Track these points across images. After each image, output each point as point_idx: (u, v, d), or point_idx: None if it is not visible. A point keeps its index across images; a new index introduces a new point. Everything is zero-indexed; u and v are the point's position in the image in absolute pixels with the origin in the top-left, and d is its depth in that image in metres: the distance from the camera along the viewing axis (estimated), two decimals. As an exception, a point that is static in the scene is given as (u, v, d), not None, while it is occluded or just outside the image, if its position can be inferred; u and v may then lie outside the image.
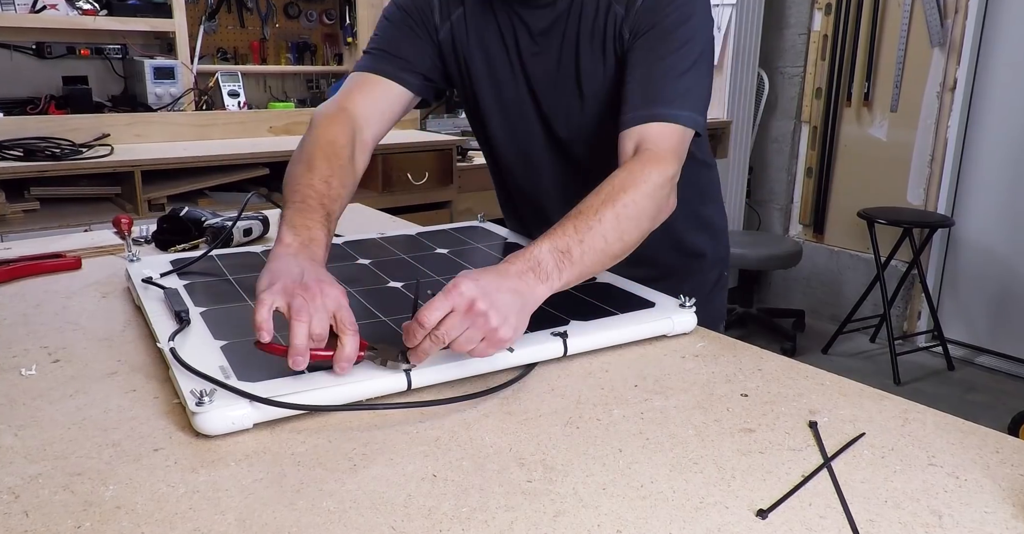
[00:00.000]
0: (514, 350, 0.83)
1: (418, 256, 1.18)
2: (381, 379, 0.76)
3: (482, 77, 1.15)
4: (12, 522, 0.57)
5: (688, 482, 0.63)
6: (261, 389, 0.72)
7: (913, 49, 3.23)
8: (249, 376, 0.74)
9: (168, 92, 2.69)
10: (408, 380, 0.77)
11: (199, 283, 1.03)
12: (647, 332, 0.92)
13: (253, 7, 3.10)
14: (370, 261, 1.15)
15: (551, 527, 0.57)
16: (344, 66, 3.32)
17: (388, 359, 0.77)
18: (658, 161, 0.95)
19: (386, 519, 0.58)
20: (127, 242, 1.26)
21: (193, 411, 0.68)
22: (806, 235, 3.74)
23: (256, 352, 0.74)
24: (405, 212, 2.28)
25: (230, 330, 0.86)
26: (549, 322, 0.90)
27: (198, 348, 0.81)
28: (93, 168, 2.27)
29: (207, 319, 0.89)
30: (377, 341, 0.79)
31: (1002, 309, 3.18)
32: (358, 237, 1.28)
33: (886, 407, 0.77)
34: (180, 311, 0.88)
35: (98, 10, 2.57)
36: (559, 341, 0.86)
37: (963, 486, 0.63)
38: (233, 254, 1.16)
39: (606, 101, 1.09)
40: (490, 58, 1.13)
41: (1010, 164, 3.09)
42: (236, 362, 0.78)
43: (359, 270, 1.10)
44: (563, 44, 1.08)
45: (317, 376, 0.75)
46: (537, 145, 1.18)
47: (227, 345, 0.82)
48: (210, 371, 0.74)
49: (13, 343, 0.89)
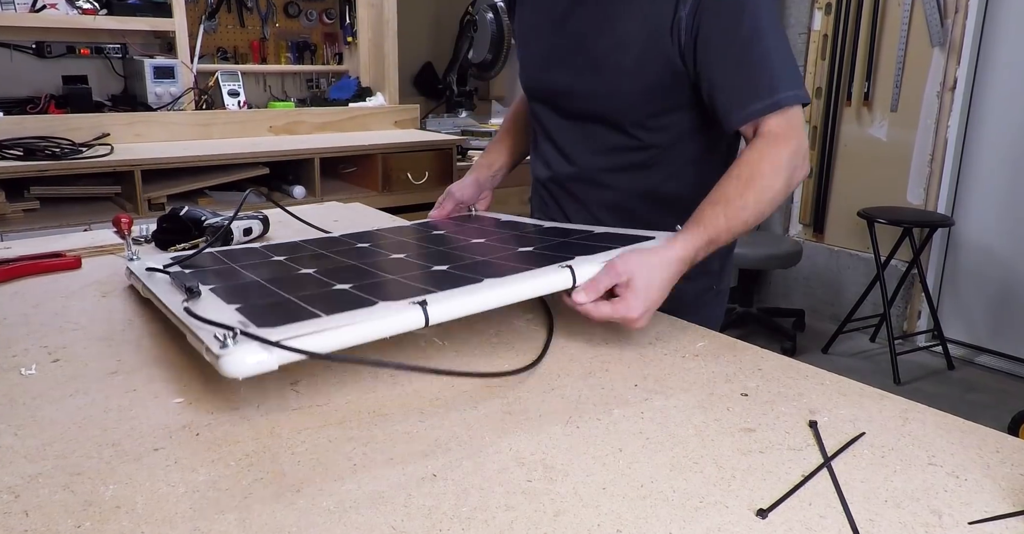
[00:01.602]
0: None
1: (416, 237, 1.18)
2: (398, 315, 0.75)
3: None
4: (12, 522, 0.57)
5: (688, 482, 0.63)
6: (279, 333, 0.69)
7: (913, 49, 3.23)
8: (268, 322, 0.72)
9: (168, 91, 2.68)
10: (425, 315, 0.76)
11: (204, 270, 1.01)
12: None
13: (253, 6, 3.10)
14: (369, 244, 1.14)
15: (551, 527, 0.57)
16: (344, 66, 3.32)
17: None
18: (786, 141, 1.01)
19: (386, 519, 0.58)
20: (127, 242, 1.25)
21: (218, 354, 0.66)
22: (806, 235, 3.74)
23: (273, 308, 0.78)
24: (405, 212, 2.28)
25: (242, 296, 0.84)
26: (556, 261, 0.90)
27: (212, 310, 0.78)
28: (93, 167, 2.27)
29: (217, 292, 0.87)
30: (385, 290, 0.83)
31: (1002, 309, 3.18)
32: (356, 231, 1.27)
33: (886, 407, 0.77)
34: (191, 286, 0.85)
35: (98, 9, 2.57)
36: (567, 271, 0.86)
37: (963, 486, 0.63)
38: (234, 250, 1.16)
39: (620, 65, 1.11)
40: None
41: (1010, 164, 3.09)
42: (253, 316, 0.76)
43: (360, 251, 1.09)
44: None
45: (336, 317, 0.73)
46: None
47: (242, 307, 0.80)
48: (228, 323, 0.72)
49: (13, 343, 0.89)
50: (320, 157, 2.64)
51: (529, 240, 1.07)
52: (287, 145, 2.67)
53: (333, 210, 1.63)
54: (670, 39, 1.05)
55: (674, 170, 1.17)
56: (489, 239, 1.11)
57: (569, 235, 1.08)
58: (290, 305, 0.80)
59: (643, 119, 1.13)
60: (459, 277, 0.87)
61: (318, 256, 1.07)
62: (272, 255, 1.09)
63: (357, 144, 2.77)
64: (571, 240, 1.04)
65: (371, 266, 0.98)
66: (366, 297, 0.80)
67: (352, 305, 0.77)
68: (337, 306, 0.77)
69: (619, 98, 1.12)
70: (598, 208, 1.23)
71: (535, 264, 0.90)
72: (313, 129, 2.97)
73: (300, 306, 0.78)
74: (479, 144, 3.21)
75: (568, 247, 1.00)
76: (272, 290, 0.87)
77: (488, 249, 1.04)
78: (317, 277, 0.93)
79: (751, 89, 1.03)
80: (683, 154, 1.16)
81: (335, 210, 1.63)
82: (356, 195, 2.70)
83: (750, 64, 1.03)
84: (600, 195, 1.22)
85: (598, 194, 1.22)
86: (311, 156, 2.63)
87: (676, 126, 1.14)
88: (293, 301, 0.81)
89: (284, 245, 1.17)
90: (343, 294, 0.83)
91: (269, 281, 0.92)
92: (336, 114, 3.04)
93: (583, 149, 1.21)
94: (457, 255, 1.01)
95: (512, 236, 1.12)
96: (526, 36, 1.25)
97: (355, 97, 3.17)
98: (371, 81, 3.27)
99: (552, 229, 1.14)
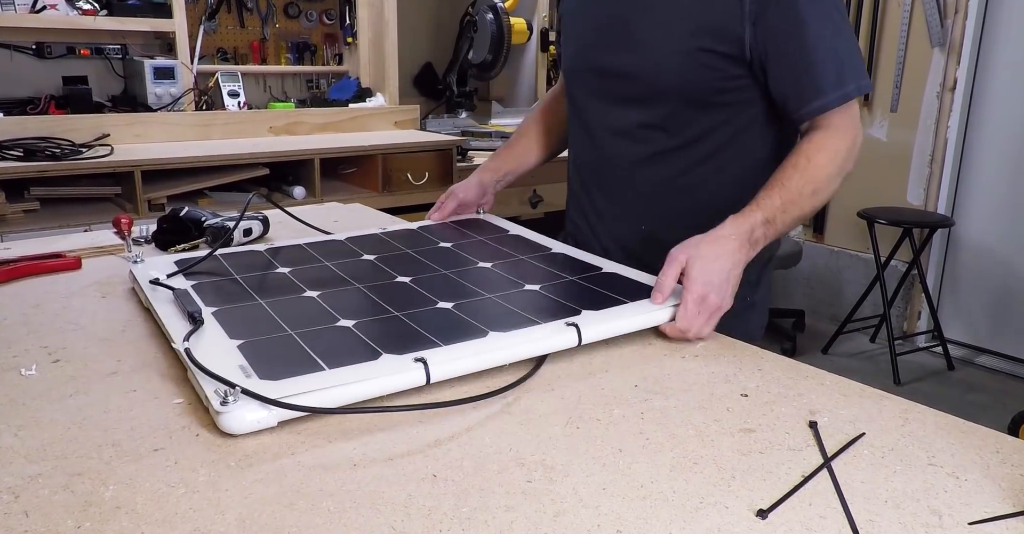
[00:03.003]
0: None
1: (422, 251, 1.16)
2: (399, 375, 0.76)
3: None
4: (12, 522, 0.57)
5: (688, 482, 0.63)
6: (281, 388, 0.71)
7: (913, 49, 3.23)
8: (270, 373, 0.74)
9: (168, 92, 2.68)
10: (427, 374, 0.77)
11: (207, 283, 1.02)
12: (659, 319, 0.91)
13: (253, 7, 3.10)
14: (375, 257, 1.13)
15: (551, 527, 0.57)
16: (344, 66, 3.32)
17: None
18: (845, 133, 1.03)
19: (386, 519, 0.58)
20: (127, 242, 1.26)
21: (218, 411, 0.68)
22: (806, 235, 3.74)
23: (275, 349, 0.80)
24: (405, 212, 2.28)
25: (245, 329, 0.85)
26: (562, 312, 0.90)
27: (215, 348, 0.80)
28: (93, 168, 2.27)
29: (220, 319, 0.88)
30: (388, 337, 0.82)
31: (1002, 309, 3.18)
32: (359, 233, 1.27)
33: (886, 407, 0.77)
34: (193, 312, 0.87)
35: (98, 10, 2.57)
36: (573, 331, 0.85)
37: (963, 486, 0.63)
38: (237, 253, 1.15)
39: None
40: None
41: (1010, 164, 3.09)
42: (255, 361, 0.77)
43: (364, 266, 1.09)
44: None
45: (339, 372, 0.75)
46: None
47: (244, 344, 0.81)
48: (229, 371, 0.73)
49: (13, 343, 0.89)
50: (320, 158, 2.64)
51: (537, 274, 1.05)
52: (287, 146, 2.67)
53: (333, 211, 1.63)
54: (729, 26, 1.03)
55: (700, 165, 1.15)
56: (496, 264, 1.09)
57: (577, 271, 1.05)
58: (292, 348, 0.80)
59: (677, 109, 1.11)
60: (464, 324, 0.87)
61: (322, 270, 1.07)
62: (276, 265, 1.09)
63: (357, 145, 2.77)
64: (579, 280, 1.02)
65: (375, 292, 0.98)
66: (369, 344, 0.81)
67: (354, 356, 0.78)
68: (340, 354, 0.79)
69: (656, 81, 1.10)
70: (626, 201, 1.21)
71: (541, 313, 0.90)
72: (313, 130, 2.97)
73: (303, 351, 0.79)
74: (479, 144, 3.21)
75: (576, 292, 0.98)
76: (276, 322, 0.88)
77: (495, 280, 1.03)
78: (321, 305, 0.93)
79: (819, 83, 1.02)
80: (709, 149, 1.14)
81: (335, 211, 1.63)
82: (356, 196, 2.70)
83: (817, 56, 1.02)
84: (626, 185, 1.20)
85: (623, 183, 1.20)
86: (311, 157, 2.63)
87: (707, 120, 1.12)
88: (296, 342, 0.82)
89: (288, 250, 1.16)
90: (346, 336, 0.84)
91: (273, 305, 0.93)
92: (336, 115, 3.04)
93: (612, 134, 1.19)
94: (463, 286, 1.00)
95: (520, 264, 1.10)
96: (572, 15, 1.23)
97: (355, 98, 3.17)
98: (371, 82, 3.27)
99: (561, 259, 1.12)
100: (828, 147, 1.02)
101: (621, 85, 1.15)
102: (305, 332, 0.85)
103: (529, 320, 0.88)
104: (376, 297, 0.96)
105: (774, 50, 1.04)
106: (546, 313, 0.90)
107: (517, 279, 1.02)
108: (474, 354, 0.80)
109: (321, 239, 1.23)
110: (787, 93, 1.06)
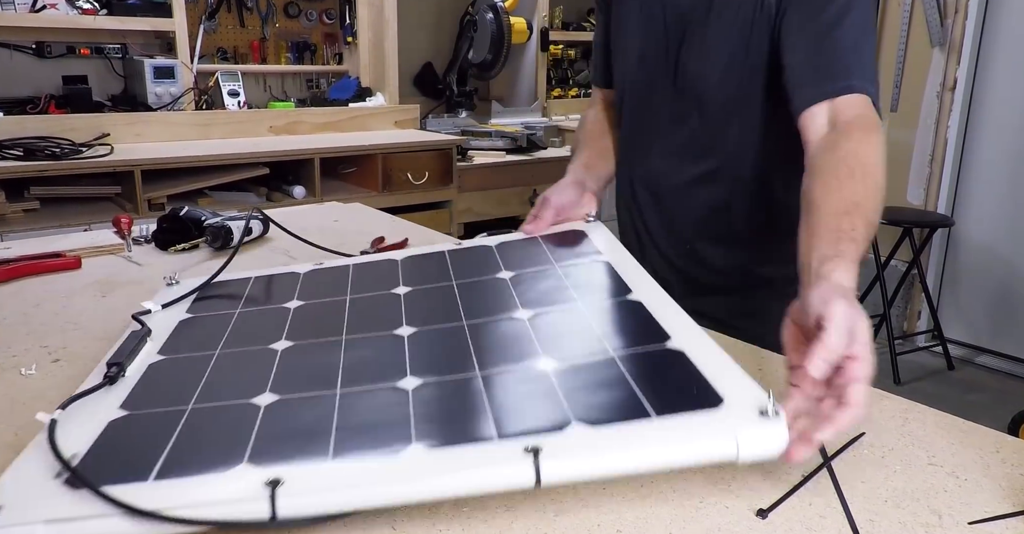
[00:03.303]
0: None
1: (467, 283, 0.92)
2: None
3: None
4: (12, 522, 0.56)
5: (688, 482, 0.63)
6: (69, 505, 0.55)
7: (913, 49, 3.23)
8: (104, 470, 0.59)
9: (168, 92, 2.69)
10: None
11: (202, 317, 0.90)
12: (687, 459, 0.57)
13: (253, 7, 3.10)
14: (407, 290, 0.91)
15: (551, 527, 0.57)
16: (344, 66, 3.32)
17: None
18: (877, 128, 0.90)
19: (386, 519, 0.58)
20: (127, 242, 1.26)
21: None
22: (806, 235, 3.73)
23: (149, 431, 0.65)
24: (405, 212, 2.28)
25: (154, 393, 0.72)
26: (544, 410, 0.62)
27: (87, 420, 0.67)
28: (93, 168, 2.27)
29: (149, 374, 0.76)
30: (292, 431, 0.63)
31: (1002, 309, 3.18)
32: (426, 250, 1.05)
33: (886, 407, 0.77)
34: (113, 363, 0.75)
35: (98, 9, 2.57)
36: (529, 461, 0.55)
37: (963, 486, 0.63)
38: (275, 276, 1.02)
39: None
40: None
41: (1010, 164, 3.09)
42: (111, 447, 0.63)
43: (382, 304, 0.88)
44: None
45: (171, 486, 0.57)
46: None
47: (123, 419, 0.67)
48: (67, 450, 0.61)
49: (13, 343, 0.89)
50: (320, 157, 2.64)
51: (577, 338, 0.75)
52: (287, 145, 2.67)
53: (333, 210, 1.63)
54: (761, 24, 1.00)
55: (740, 186, 1.09)
56: (537, 315, 0.81)
57: (633, 339, 0.74)
58: (161, 434, 0.64)
59: (721, 124, 1.08)
60: (388, 424, 0.62)
61: (331, 307, 0.89)
62: (292, 295, 0.94)
63: (357, 144, 2.77)
64: (629, 358, 0.69)
65: (353, 348, 0.78)
66: (248, 442, 0.61)
67: (219, 458, 0.59)
68: (208, 452, 0.61)
69: (703, 91, 1.06)
70: (676, 218, 1.17)
71: (518, 419, 0.62)
72: (313, 129, 2.97)
73: (166, 441, 0.63)
74: (479, 144, 3.21)
75: (606, 382, 0.66)
76: (195, 387, 0.72)
77: (515, 344, 0.75)
78: (269, 367, 0.75)
79: (826, 69, 0.94)
80: (750, 169, 1.08)
81: (335, 210, 1.63)
82: (356, 195, 2.70)
83: (831, 45, 0.94)
84: (678, 202, 1.15)
85: (676, 200, 1.15)
86: (311, 156, 2.63)
87: (747, 137, 1.07)
88: (175, 424, 0.65)
89: (326, 273, 1.01)
90: (243, 421, 0.65)
91: (222, 360, 0.78)
92: (336, 114, 3.04)
93: (659, 151, 1.15)
94: (464, 353, 0.74)
95: (569, 316, 0.80)
96: (628, 25, 1.16)
97: (355, 97, 3.17)
98: (371, 81, 3.27)
99: (631, 312, 0.80)
100: (872, 142, 0.88)
101: (683, 97, 1.10)
102: (204, 408, 0.68)
103: (487, 439, 0.59)
104: (347, 356, 0.76)
105: (787, 40, 0.97)
106: (511, 414, 0.62)
107: (545, 345, 0.73)
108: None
109: (375, 258, 1.05)
110: (795, 76, 0.96)
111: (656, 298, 0.81)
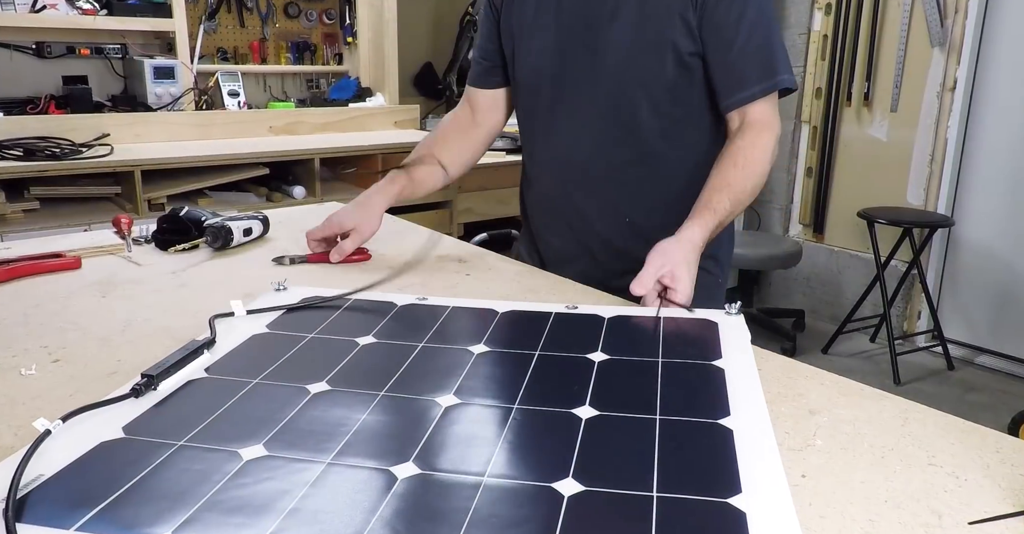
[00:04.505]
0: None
1: (556, 358, 0.82)
2: None
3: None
4: (12, 522, 0.56)
5: None
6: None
7: (913, 49, 3.23)
8: (49, 501, 0.55)
9: (168, 92, 2.69)
10: None
11: (275, 335, 0.86)
12: None
13: (253, 7, 3.10)
14: (487, 349, 0.84)
15: (551, 527, 0.57)
16: (344, 66, 3.32)
17: None
18: (769, 128, 1.13)
19: (386, 519, 0.58)
20: (127, 242, 1.26)
21: None
22: (806, 235, 3.74)
23: (116, 466, 0.60)
24: (405, 212, 2.28)
25: (168, 417, 0.68)
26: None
27: (91, 430, 0.65)
28: (93, 168, 2.27)
29: (180, 394, 0.72)
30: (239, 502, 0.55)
31: (1002, 309, 3.18)
32: (539, 307, 0.97)
33: (886, 407, 0.77)
34: (148, 374, 0.72)
35: (98, 10, 2.57)
36: None
37: (963, 486, 0.63)
38: (374, 301, 0.97)
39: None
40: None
41: (1010, 164, 3.09)
42: (79, 469, 0.59)
43: (451, 360, 0.80)
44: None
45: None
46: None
47: (116, 442, 0.63)
48: (41, 468, 0.59)
49: (13, 343, 0.89)
50: (320, 157, 2.64)
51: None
52: (287, 145, 2.67)
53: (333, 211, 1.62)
54: (680, 22, 1.10)
55: (663, 162, 1.20)
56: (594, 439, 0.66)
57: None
58: (129, 470, 0.58)
59: (639, 110, 1.16)
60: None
61: (400, 353, 0.82)
62: (374, 326, 0.88)
63: (357, 144, 2.77)
64: None
65: (379, 411, 0.70)
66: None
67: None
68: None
69: (621, 83, 1.15)
70: (609, 197, 1.24)
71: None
72: (313, 129, 2.97)
73: (126, 481, 0.57)
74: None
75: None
76: (202, 418, 0.67)
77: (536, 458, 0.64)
78: (300, 410, 0.69)
79: (753, 71, 1.11)
80: (676, 155, 1.20)
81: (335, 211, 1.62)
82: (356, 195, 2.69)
83: (755, 47, 1.10)
84: (609, 182, 1.22)
85: (606, 181, 1.22)
86: (311, 156, 2.63)
87: (677, 111, 1.18)
88: (150, 464, 0.59)
89: (427, 311, 0.94)
90: (207, 473, 0.58)
91: (253, 391, 0.73)
92: (336, 114, 3.04)
93: (585, 139, 1.21)
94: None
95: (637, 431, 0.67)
96: (528, 28, 1.22)
97: (355, 97, 3.17)
98: (371, 81, 3.27)
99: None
100: (759, 144, 1.11)
101: (583, 89, 1.18)
102: (189, 449, 0.62)
103: None
104: (368, 418, 0.68)
105: (712, 39, 1.10)
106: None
107: (581, 460, 0.62)
108: None
109: (479, 305, 0.97)
110: (724, 79, 1.13)
111: (754, 428, 0.67)
